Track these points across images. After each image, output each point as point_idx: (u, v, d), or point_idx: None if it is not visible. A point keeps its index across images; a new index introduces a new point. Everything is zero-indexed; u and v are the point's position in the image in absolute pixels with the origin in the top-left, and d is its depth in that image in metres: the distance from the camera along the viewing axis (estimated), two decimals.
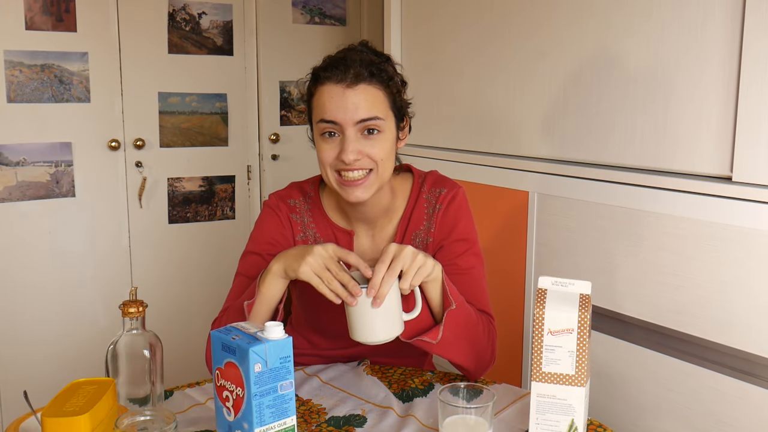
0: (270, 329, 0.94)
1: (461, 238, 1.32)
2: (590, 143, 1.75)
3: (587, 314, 1.01)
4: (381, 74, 1.21)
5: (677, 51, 1.53)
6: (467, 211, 1.35)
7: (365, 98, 1.19)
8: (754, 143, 1.39)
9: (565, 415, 1.02)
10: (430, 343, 1.17)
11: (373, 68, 1.20)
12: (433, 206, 1.33)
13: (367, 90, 1.19)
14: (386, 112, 1.22)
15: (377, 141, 1.21)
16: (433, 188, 1.34)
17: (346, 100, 1.18)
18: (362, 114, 1.18)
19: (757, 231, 1.38)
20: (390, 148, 1.24)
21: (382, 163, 1.22)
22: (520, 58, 1.92)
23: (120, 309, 1.05)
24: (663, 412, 1.59)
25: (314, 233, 1.34)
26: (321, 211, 1.34)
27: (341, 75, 1.18)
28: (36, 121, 2.49)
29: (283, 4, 2.96)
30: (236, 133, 2.90)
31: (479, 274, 1.33)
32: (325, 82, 1.20)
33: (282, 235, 1.33)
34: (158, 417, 0.91)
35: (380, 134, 1.21)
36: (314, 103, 1.23)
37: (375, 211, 1.31)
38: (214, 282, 2.85)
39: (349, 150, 1.18)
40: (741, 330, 1.42)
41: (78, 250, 2.62)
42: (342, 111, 1.18)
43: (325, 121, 1.20)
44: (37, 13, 2.44)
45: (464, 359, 1.23)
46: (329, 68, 1.20)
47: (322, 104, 1.20)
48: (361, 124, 1.19)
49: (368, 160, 1.20)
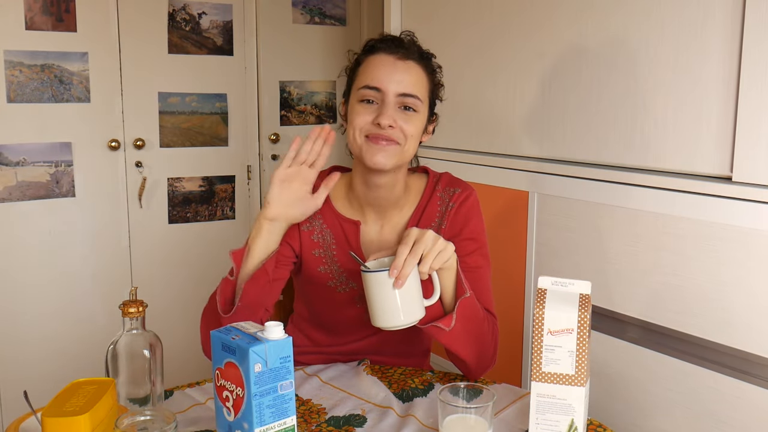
0: (270, 329, 0.94)
1: (471, 237, 1.34)
2: (590, 143, 1.75)
3: (587, 314, 1.01)
4: (429, 61, 1.29)
5: (677, 51, 1.53)
6: (479, 213, 1.37)
7: (412, 75, 1.25)
8: (754, 143, 1.39)
9: (565, 415, 1.02)
10: (442, 330, 1.17)
11: (423, 53, 1.28)
12: (446, 204, 1.35)
13: (416, 68, 1.26)
14: (425, 97, 1.28)
15: (411, 120, 1.25)
16: (448, 187, 1.37)
17: (395, 70, 1.24)
18: (406, 88, 1.24)
19: (757, 231, 1.38)
20: (418, 132, 1.28)
21: (410, 140, 1.26)
22: (520, 58, 1.92)
23: (120, 309, 1.06)
24: (663, 412, 1.59)
25: (320, 223, 1.35)
26: (328, 201, 1.36)
27: (395, 48, 1.25)
28: (36, 121, 2.49)
29: (283, 4, 2.96)
30: (236, 133, 2.90)
31: (486, 275, 1.34)
32: (377, 52, 1.27)
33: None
34: (158, 417, 0.91)
35: (415, 114, 1.26)
36: (360, 71, 1.29)
37: (387, 196, 1.33)
38: (215, 282, 2.83)
39: (387, 114, 1.22)
40: (741, 330, 1.42)
41: (78, 250, 2.62)
42: (387, 80, 1.23)
43: (369, 87, 1.25)
44: (37, 13, 2.45)
45: (468, 353, 1.23)
46: (385, 41, 1.28)
47: (370, 71, 1.26)
48: (401, 98, 1.24)
49: (400, 132, 1.24)
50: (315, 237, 1.34)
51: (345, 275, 1.34)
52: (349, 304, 1.36)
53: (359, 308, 1.35)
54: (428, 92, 1.29)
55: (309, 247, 1.34)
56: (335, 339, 1.40)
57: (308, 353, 1.43)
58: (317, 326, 1.42)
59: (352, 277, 1.34)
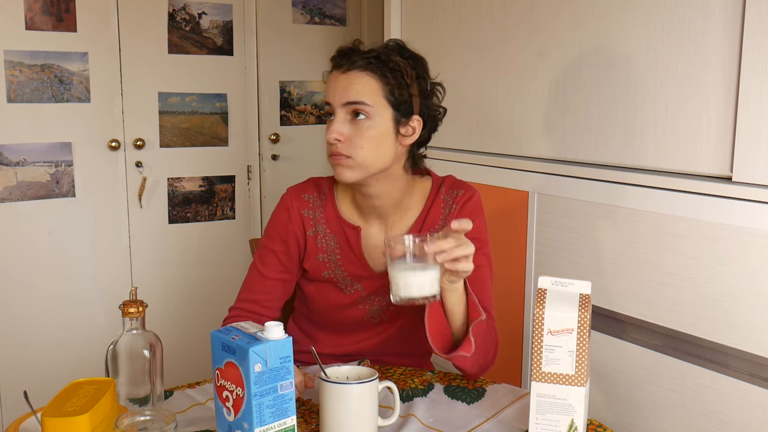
0: (270, 329, 0.94)
1: (473, 236, 1.33)
2: (590, 143, 1.75)
3: (587, 314, 1.01)
4: (378, 65, 1.26)
5: (677, 51, 1.53)
6: (482, 213, 1.37)
7: (354, 83, 1.25)
8: (754, 143, 1.39)
9: (565, 415, 1.02)
10: (464, 356, 1.19)
11: (371, 59, 1.26)
12: (449, 206, 1.36)
13: (358, 76, 1.25)
14: (378, 101, 1.25)
15: (363, 127, 1.25)
16: (451, 190, 1.37)
17: (339, 84, 1.26)
18: (349, 96, 1.25)
19: (757, 231, 1.38)
20: (378, 138, 1.26)
21: (362, 151, 1.25)
22: (520, 58, 1.92)
23: (120, 309, 1.05)
24: (663, 412, 1.59)
25: (324, 228, 1.36)
26: (333, 207, 1.37)
27: (340, 62, 1.27)
28: (36, 121, 2.49)
29: (283, 4, 2.96)
30: (236, 133, 2.90)
31: (486, 274, 1.34)
32: (331, 70, 1.30)
33: (292, 233, 1.37)
34: (158, 417, 0.91)
35: (367, 120, 1.25)
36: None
37: (386, 204, 1.33)
38: (214, 282, 2.85)
39: (332, 129, 1.25)
40: (741, 330, 1.42)
41: (78, 250, 2.62)
42: (333, 92, 1.27)
43: (326, 104, 1.29)
44: (37, 13, 2.44)
45: (472, 366, 1.24)
46: (334, 58, 1.30)
47: (327, 89, 1.30)
48: (347, 107, 1.25)
49: (348, 144, 1.24)
50: (319, 242, 1.36)
51: (349, 278, 1.35)
52: (353, 305, 1.37)
53: (362, 309, 1.36)
54: (383, 95, 1.25)
55: (314, 252, 1.36)
56: (337, 339, 1.41)
57: (309, 352, 1.43)
58: (319, 325, 1.43)
59: (357, 280, 1.35)
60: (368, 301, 1.36)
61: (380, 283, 1.33)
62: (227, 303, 1.40)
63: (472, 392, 1.24)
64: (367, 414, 1.05)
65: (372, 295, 1.36)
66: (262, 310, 1.35)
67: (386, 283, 1.25)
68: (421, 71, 1.31)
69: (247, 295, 1.37)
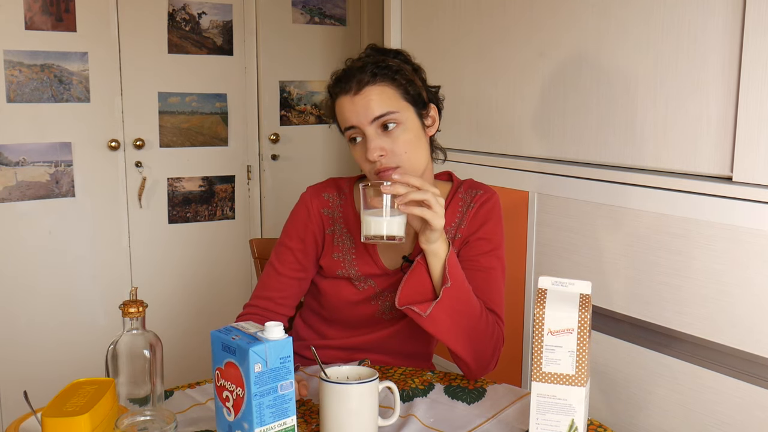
0: (270, 329, 0.94)
1: (486, 237, 1.36)
2: (590, 143, 1.75)
3: (587, 314, 1.01)
4: (384, 72, 1.27)
5: (677, 51, 1.53)
6: (498, 216, 1.38)
7: (373, 98, 1.25)
8: (754, 143, 1.39)
9: (566, 415, 1.02)
10: (419, 314, 1.21)
11: (374, 69, 1.26)
12: (467, 205, 1.37)
13: (373, 90, 1.26)
14: (399, 104, 1.27)
15: (398, 135, 1.26)
16: (470, 189, 1.39)
17: (356, 106, 1.26)
18: (375, 112, 1.25)
19: (757, 231, 1.38)
20: (414, 139, 1.29)
21: (407, 156, 1.27)
22: (520, 58, 1.92)
23: (120, 309, 1.05)
24: (663, 412, 1.59)
25: (341, 227, 1.38)
26: (351, 206, 1.39)
27: (347, 86, 1.27)
28: (36, 121, 2.49)
29: (283, 4, 2.96)
30: (236, 133, 2.90)
31: (497, 276, 1.35)
32: (337, 97, 1.29)
33: (311, 232, 1.38)
34: (158, 417, 0.91)
35: (399, 126, 1.27)
36: (338, 118, 1.32)
37: None
38: (214, 282, 2.85)
39: (371, 147, 1.25)
40: (741, 330, 1.42)
41: (78, 250, 2.62)
42: (355, 115, 1.26)
43: (348, 128, 1.28)
44: (37, 13, 2.44)
45: (461, 348, 1.24)
46: (336, 84, 1.29)
47: (341, 115, 1.29)
48: (376, 122, 1.25)
49: (393, 157, 1.26)
50: (336, 241, 1.38)
51: (363, 276, 1.37)
52: (365, 301, 1.38)
53: (374, 305, 1.38)
54: (401, 97, 1.28)
55: (330, 250, 1.38)
56: (344, 332, 1.42)
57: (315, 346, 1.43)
58: (329, 321, 1.44)
59: (371, 277, 1.37)
60: (381, 297, 1.37)
61: (394, 279, 1.35)
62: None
63: (472, 392, 1.24)
64: (367, 414, 1.05)
65: (384, 291, 1.37)
66: (277, 307, 1.37)
67: (399, 279, 1.29)
68: (408, 60, 1.34)
69: (261, 293, 1.38)
